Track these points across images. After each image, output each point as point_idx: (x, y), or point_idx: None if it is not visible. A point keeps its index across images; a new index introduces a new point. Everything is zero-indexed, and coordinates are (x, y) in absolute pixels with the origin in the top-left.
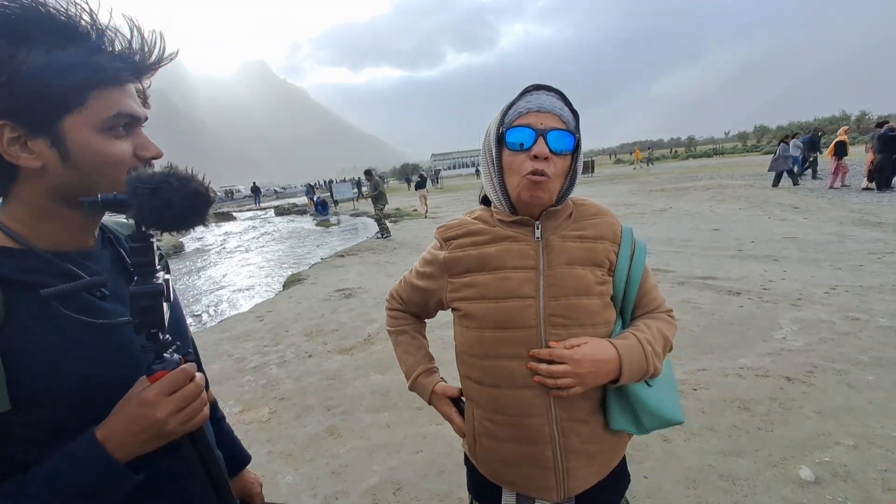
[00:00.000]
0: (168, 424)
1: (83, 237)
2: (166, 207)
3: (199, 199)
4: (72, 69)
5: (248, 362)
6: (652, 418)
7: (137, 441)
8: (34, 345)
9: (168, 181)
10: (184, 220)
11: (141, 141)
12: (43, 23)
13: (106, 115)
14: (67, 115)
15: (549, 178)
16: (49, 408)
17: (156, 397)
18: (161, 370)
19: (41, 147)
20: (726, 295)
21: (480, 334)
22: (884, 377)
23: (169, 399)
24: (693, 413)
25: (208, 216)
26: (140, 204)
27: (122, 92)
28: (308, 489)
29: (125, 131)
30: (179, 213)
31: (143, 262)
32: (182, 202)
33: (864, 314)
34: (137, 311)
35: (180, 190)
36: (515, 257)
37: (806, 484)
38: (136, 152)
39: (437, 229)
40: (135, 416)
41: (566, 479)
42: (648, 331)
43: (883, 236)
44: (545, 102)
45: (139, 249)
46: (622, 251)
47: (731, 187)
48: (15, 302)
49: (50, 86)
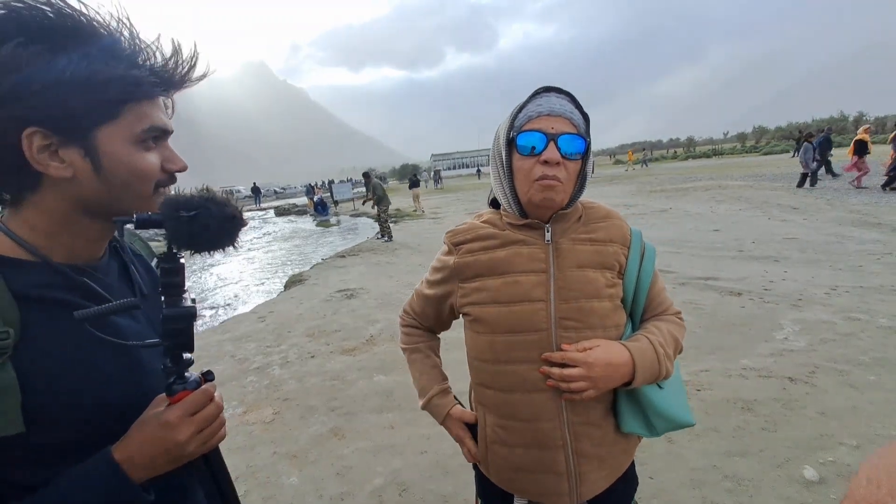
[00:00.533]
0: (189, 447)
1: (95, 249)
2: (203, 231)
3: (234, 223)
4: (111, 82)
5: (250, 363)
6: (663, 421)
7: (157, 463)
8: (51, 364)
9: (207, 206)
10: (217, 243)
11: (168, 154)
12: (85, 34)
13: (139, 128)
14: (102, 126)
15: (562, 183)
16: (62, 429)
17: (178, 419)
18: (182, 390)
19: (74, 157)
20: (727, 295)
21: (492, 339)
22: (885, 377)
23: (191, 420)
24: (697, 414)
25: (239, 239)
26: (177, 227)
27: (154, 105)
28: (313, 490)
29: (154, 144)
30: (214, 237)
31: (173, 283)
32: (219, 227)
33: (864, 315)
34: (170, 333)
35: (218, 215)
36: (525, 261)
37: (810, 484)
38: (163, 165)
39: (445, 234)
40: (155, 437)
41: (578, 485)
42: (659, 333)
43: (882, 237)
44: (556, 106)
45: (170, 270)
46: (632, 254)
47: (730, 188)
48: (31, 318)
49: (88, 96)
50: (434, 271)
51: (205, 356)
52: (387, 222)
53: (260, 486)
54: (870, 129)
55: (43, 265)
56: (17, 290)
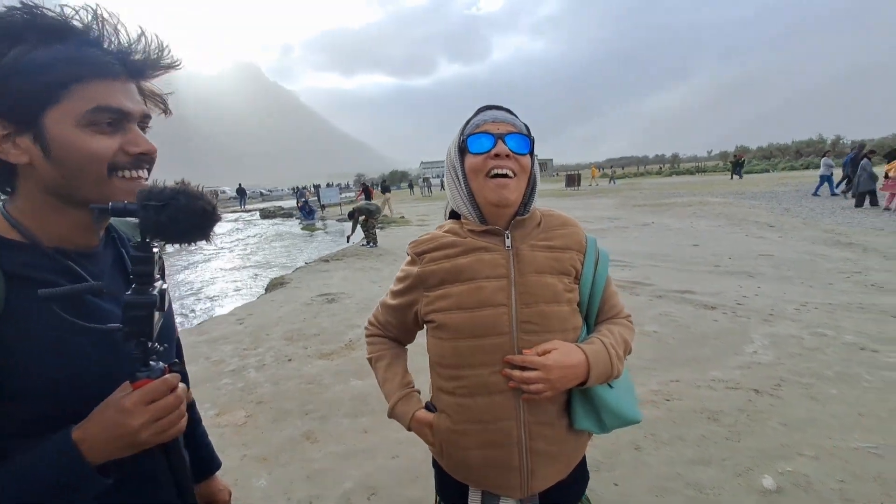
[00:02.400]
0: (142, 434)
1: (87, 236)
2: (172, 223)
3: (205, 217)
4: (52, 64)
5: (226, 365)
6: (613, 418)
7: (110, 446)
8: (29, 339)
9: (177, 198)
10: (188, 236)
11: (130, 137)
12: (33, 23)
13: (84, 108)
14: (48, 109)
15: (513, 177)
16: (34, 402)
17: (133, 406)
18: (145, 378)
19: (27, 143)
20: (702, 309)
21: (455, 344)
22: (846, 391)
23: (147, 409)
24: (664, 423)
25: (213, 233)
26: (147, 217)
27: (108, 87)
28: (282, 493)
29: (111, 127)
30: (185, 229)
31: (143, 271)
32: (188, 219)
33: (831, 330)
34: (128, 320)
35: (188, 207)
36: (488, 267)
37: (768, 493)
38: (125, 147)
39: (408, 245)
40: (111, 421)
41: (530, 479)
42: (611, 335)
43: (852, 256)
44: (498, 115)
45: (141, 259)
46: (587, 260)
47: (711, 204)
48: (15, 295)
49: (29, 81)
50: (398, 281)
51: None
52: (373, 228)
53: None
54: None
55: (33, 247)
56: (6, 268)
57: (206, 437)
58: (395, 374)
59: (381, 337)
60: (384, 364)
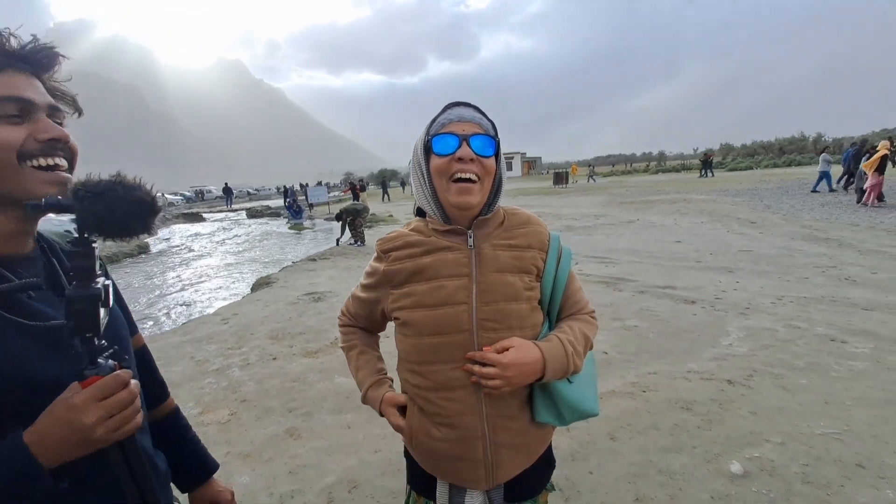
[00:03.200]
0: (96, 431)
1: (17, 241)
2: (109, 214)
3: (143, 207)
4: None
5: (210, 364)
6: (571, 411)
7: (64, 446)
8: None
9: (114, 189)
10: (126, 228)
11: (39, 125)
12: None
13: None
14: None
15: (477, 181)
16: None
17: (84, 403)
18: (94, 375)
19: None
20: (682, 303)
21: (418, 341)
22: (815, 381)
23: (98, 405)
24: (640, 413)
25: (153, 225)
26: (84, 209)
27: (11, 79)
28: (264, 489)
29: (19, 118)
30: (122, 220)
31: (82, 266)
32: (125, 209)
33: (804, 323)
34: (72, 315)
35: (125, 198)
36: (450, 266)
37: (735, 478)
38: (34, 135)
39: (376, 241)
40: (62, 420)
41: (494, 470)
42: (571, 332)
43: (828, 251)
44: (465, 114)
45: (79, 254)
46: (549, 258)
47: (695, 202)
48: None
49: None
50: (366, 276)
51: (163, 357)
52: (361, 227)
53: None
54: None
55: None
56: None
57: (199, 441)
58: (366, 362)
59: (352, 327)
60: (356, 353)
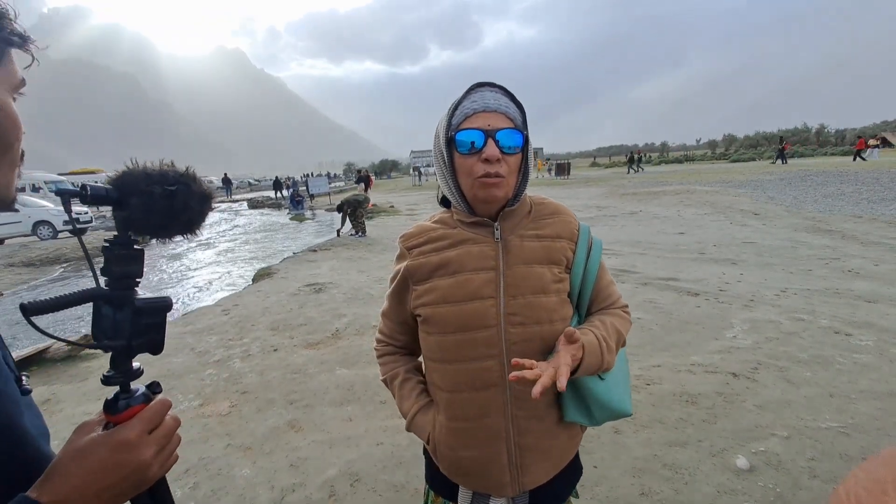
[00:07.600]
0: (153, 469)
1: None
2: (182, 211)
3: (206, 203)
4: None
5: (210, 356)
6: (602, 410)
7: (109, 495)
8: None
9: (186, 182)
10: (191, 226)
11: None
12: None
13: None
14: None
15: (504, 178)
16: None
17: (138, 437)
18: (139, 405)
19: None
20: (685, 295)
21: (443, 338)
22: (819, 374)
23: (152, 438)
24: (644, 406)
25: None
26: (149, 204)
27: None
28: (265, 482)
29: None
30: (191, 217)
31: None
32: (198, 206)
33: (808, 315)
34: (139, 331)
35: (197, 193)
36: (476, 259)
37: (741, 472)
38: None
39: (399, 238)
40: (112, 463)
41: (520, 475)
42: (603, 327)
43: (832, 243)
44: (490, 101)
45: (123, 257)
46: (579, 249)
47: (698, 193)
48: None
49: None
50: (390, 282)
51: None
52: (362, 218)
53: (210, 479)
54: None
55: None
56: None
57: None
58: (410, 390)
59: (390, 354)
60: (398, 382)
